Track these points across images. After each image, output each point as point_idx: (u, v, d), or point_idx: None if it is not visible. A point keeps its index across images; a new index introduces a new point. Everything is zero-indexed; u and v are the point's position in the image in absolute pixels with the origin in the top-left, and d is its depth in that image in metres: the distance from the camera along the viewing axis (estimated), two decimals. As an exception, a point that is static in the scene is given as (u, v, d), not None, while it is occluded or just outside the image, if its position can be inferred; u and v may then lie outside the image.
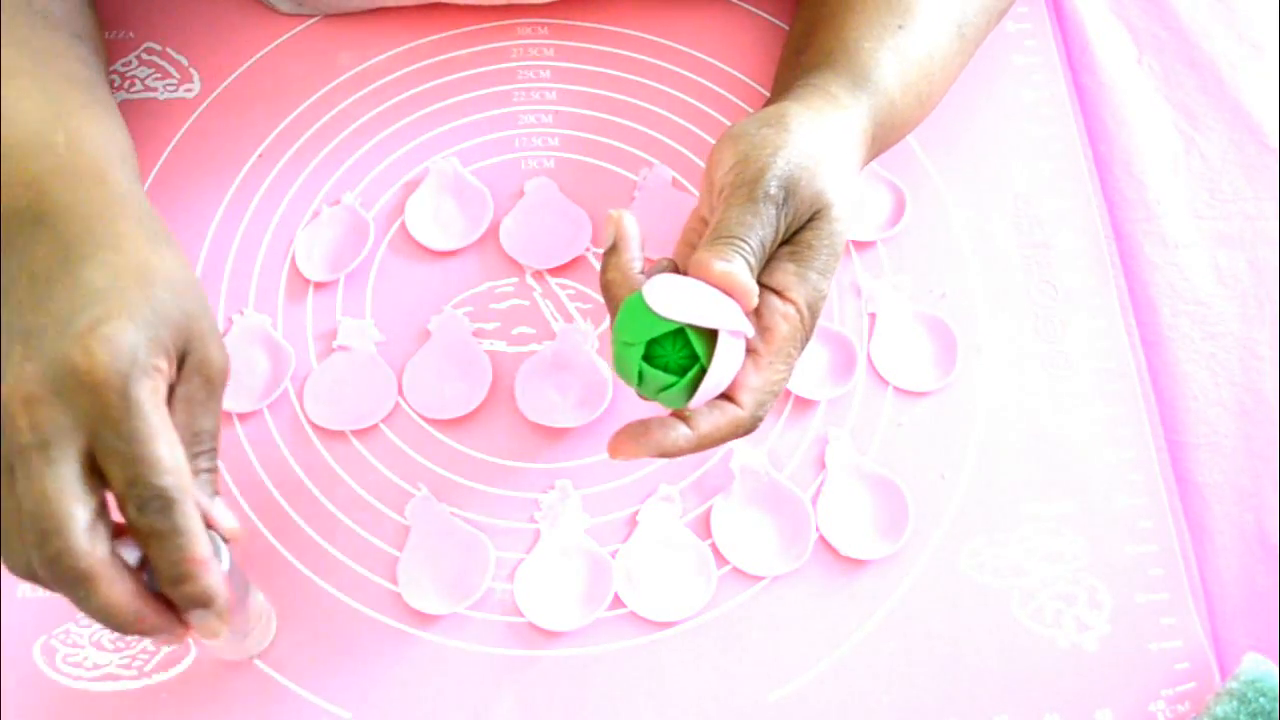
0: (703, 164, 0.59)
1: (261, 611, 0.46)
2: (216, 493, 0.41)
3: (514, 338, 0.55)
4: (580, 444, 0.53)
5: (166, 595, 0.38)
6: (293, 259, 0.56)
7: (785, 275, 0.43)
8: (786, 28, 0.63)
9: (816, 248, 0.44)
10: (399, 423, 0.53)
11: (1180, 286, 0.58)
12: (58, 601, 0.48)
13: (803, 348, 0.44)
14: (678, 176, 0.58)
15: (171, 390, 0.39)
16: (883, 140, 0.52)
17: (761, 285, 0.43)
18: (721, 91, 0.61)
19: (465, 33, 0.62)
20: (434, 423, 0.53)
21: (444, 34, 0.62)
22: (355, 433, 0.53)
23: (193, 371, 0.40)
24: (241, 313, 0.55)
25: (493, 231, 0.57)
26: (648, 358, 0.41)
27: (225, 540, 0.40)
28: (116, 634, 0.48)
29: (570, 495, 0.52)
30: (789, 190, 0.43)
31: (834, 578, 0.51)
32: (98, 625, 0.48)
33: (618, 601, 0.50)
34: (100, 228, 0.40)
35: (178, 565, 0.37)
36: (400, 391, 0.53)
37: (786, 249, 0.44)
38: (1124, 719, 0.49)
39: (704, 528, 0.51)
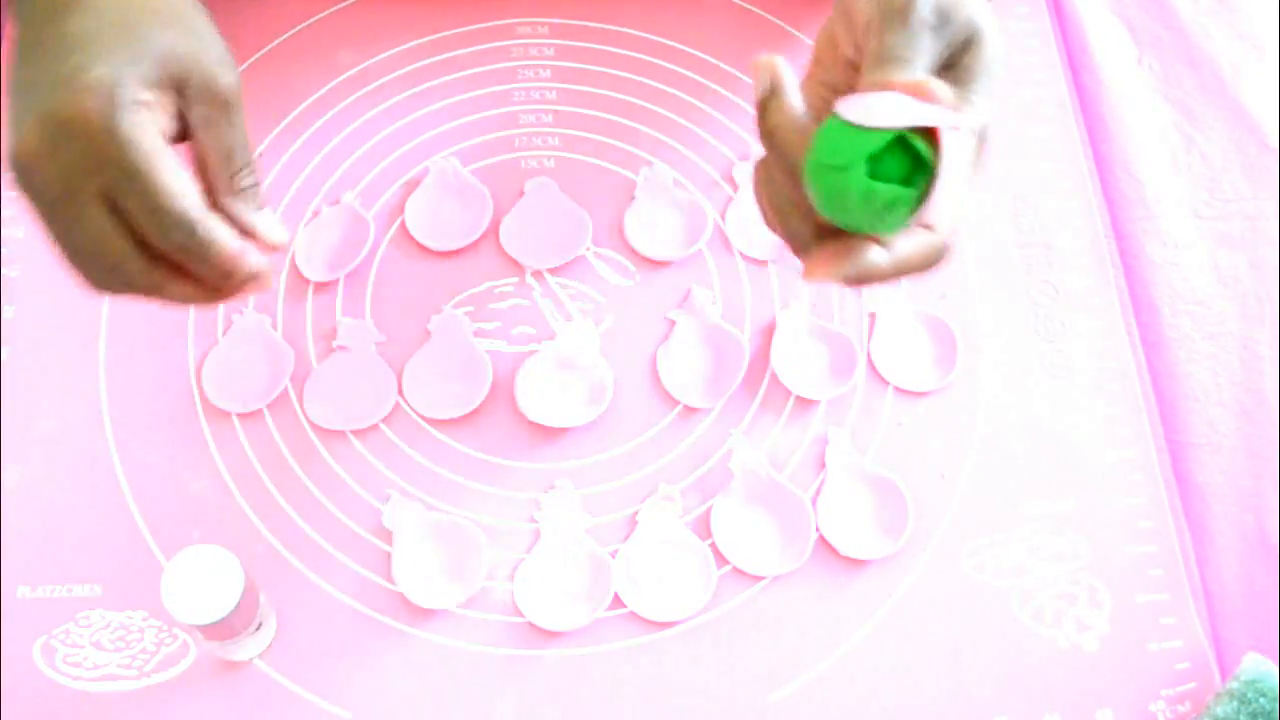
0: (703, 164, 0.59)
1: (261, 611, 0.46)
2: (261, 206, 0.43)
3: (514, 338, 0.55)
4: (580, 444, 0.53)
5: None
6: (292, 259, 0.56)
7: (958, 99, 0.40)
8: (787, 27, 0.63)
9: (976, 71, 0.41)
10: (399, 423, 0.53)
11: (1180, 286, 0.58)
12: (58, 601, 0.48)
13: (976, 174, 0.41)
14: (678, 176, 0.58)
15: (185, 121, 0.41)
16: None
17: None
18: (722, 91, 0.61)
19: (465, 33, 0.62)
20: (434, 423, 0.53)
21: (444, 34, 0.62)
22: (355, 433, 0.53)
23: (198, 97, 0.41)
24: (241, 313, 0.55)
25: (493, 231, 0.57)
26: (871, 176, 0.36)
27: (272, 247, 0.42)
28: (119, 633, 0.48)
29: (570, 495, 0.52)
30: (942, 15, 0.40)
31: (834, 578, 0.51)
32: (97, 625, 0.48)
33: (618, 601, 0.50)
34: None
35: (217, 268, 0.40)
36: (400, 391, 0.53)
37: (946, 76, 0.40)
38: (1124, 719, 0.49)
39: (704, 528, 0.51)
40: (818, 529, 0.51)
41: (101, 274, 0.40)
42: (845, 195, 0.37)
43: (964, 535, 0.52)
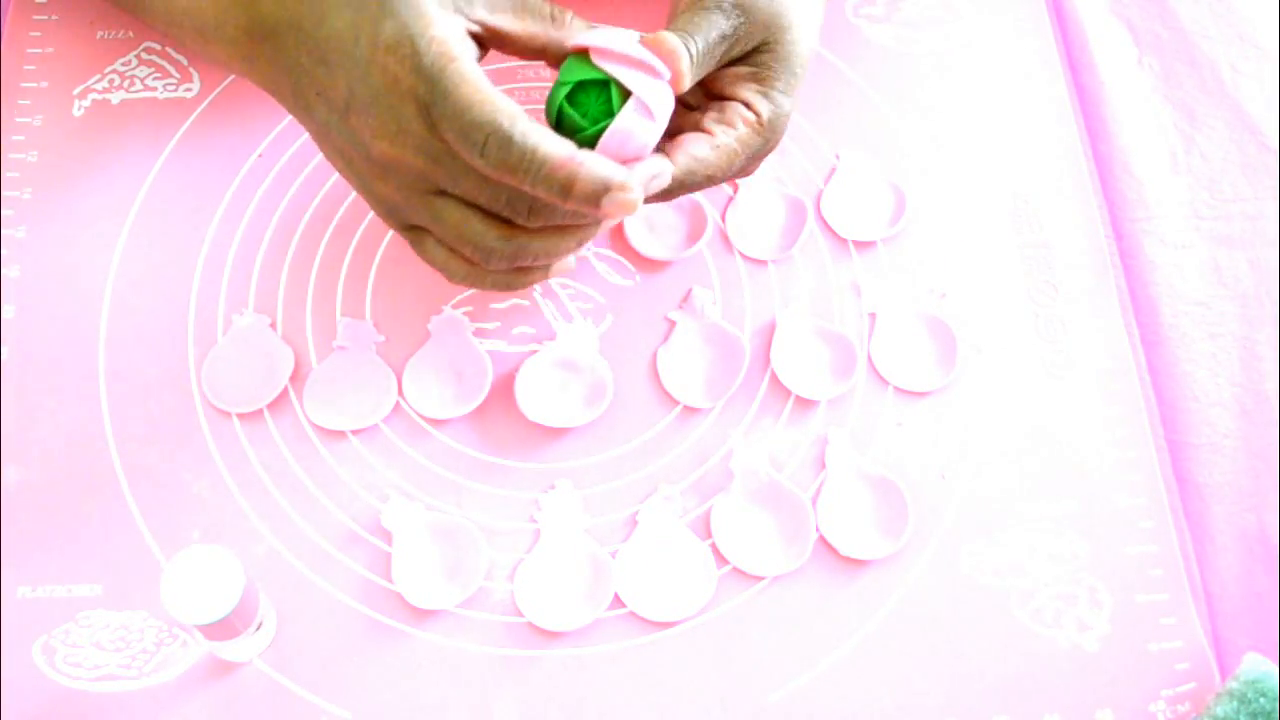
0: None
1: (262, 611, 0.46)
2: (591, 27, 0.45)
3: (514, 338, 0.55)
4: (580, 444, 0.53)
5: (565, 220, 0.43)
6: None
7: (748, 91, 0.47)
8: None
9: (775, 68, 0.47)
10: (399, 423, 0.53)
11: (1180, 286, 0.58)
12: (58, 601, 0.48)
13: (756, 158, 0.47)
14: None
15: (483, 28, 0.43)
16: None
17: (725, 97, 0.47)
18: (721, 91, 0.61)
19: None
20: (434, 423, 0.53)
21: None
22: (355, 433, 0.53)
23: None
24: (241, 313, 0.55)
25: (493, 231, 0.57)
26: (570, 100, 0.43)
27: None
28: (119, 633, 0.48)
29: (570, 495, 0.52)
30: (742, 7, 0.45)
31: (834, 578, 0.51)
32: (97, 625, 0.48)
33: (618, 601, 0.50)
34: None
35: (550, 182, 0.40)
36: (400, 391, 0.53)
37: (746, 69, 0.47)
38: (1124, 719, 0.49)
39: (704, 528, 0.51)
40: (818, 529, 0.51)
41: (513, 214, 0.42)
42: (551, 106, 0.44)
43: (964, 535, 0.52)
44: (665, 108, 0.44)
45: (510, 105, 0.40)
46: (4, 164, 0.57)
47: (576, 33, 0.44)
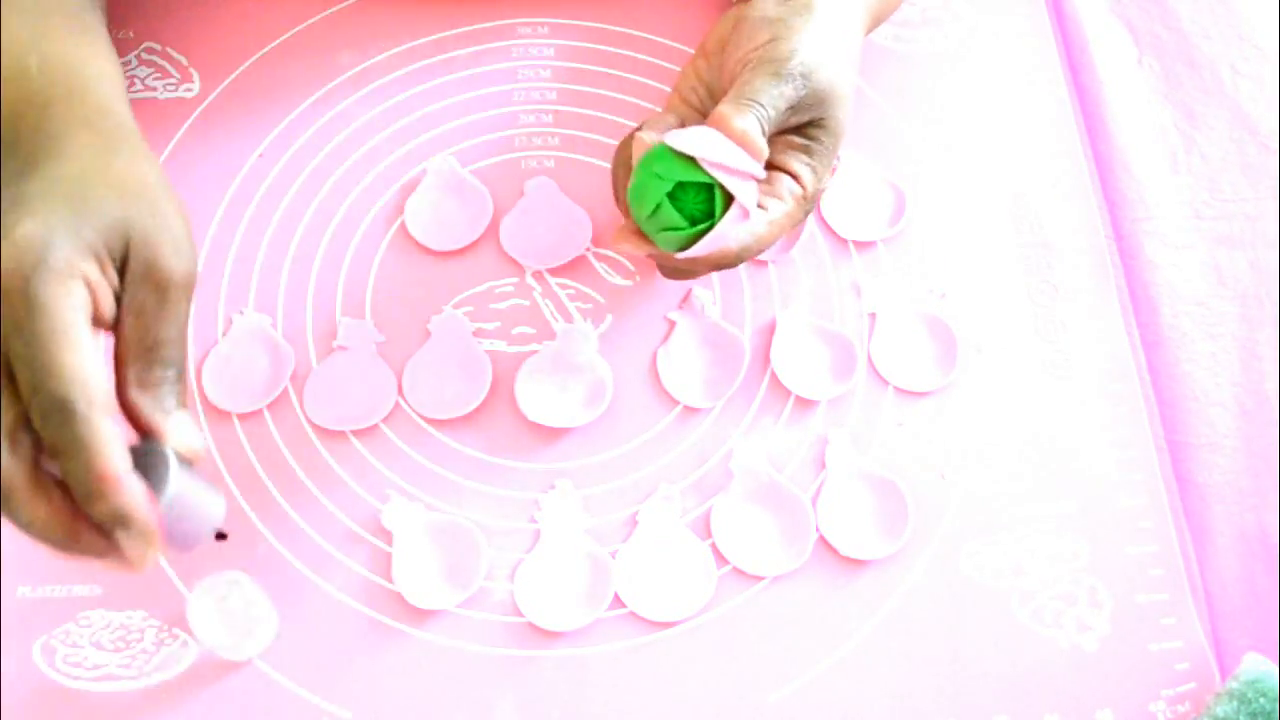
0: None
1: (260, 608, 0.46)
2: (183, 405, 0.39)
3: (514, 338, 0.55)
4: (580, 444, 0.53)
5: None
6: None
7: (797, 164, 0.49)
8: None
9: (825, 143, 0.49)
10: (399, 423, 0.53)
11: (1180, 287, 0.58)
12: (58, 601, 0.48)
13: (794, 226, 0.49)
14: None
15: (120, 300, 0.38)
16: (876, 19, 0.55)
17: (774, 165, 0.49)
18: (721, 91, 0.61)
19: (465, 32, 0.62)
20: (434, 423, 0.53)
21: (444, 34, 0.62)
22: (355, 433, 0.53)
23: (138, 278, 0.38)
24: (241, 313, 0.55)
25: (493, 231, 0.57)
26: (670, 196, 0.45)
27: (189, 461, 0.38)
28: (119, 633, 0.48)
29: (570, 495, 0.52)
30: (808, 77, 0.47)
31: (834, 578, 0.51)
32: (97, 625, 0.48)
33: (618, 601, 0.50)
34: (56, 144, 0.41)
35: (84, 482, 0.36)
36: (400, 391, 0.53)
37: (798, 141, 0.49)
38: (1124, 719, 0.49)
39: (704, 528, 0.51)
40: (818, 529, 0.51)
41: None
42: (648, 198, 0.45)
43: (964, 535, 0.52)
44: (755, 205, 0.46)
45: (98, 382, 0.36)
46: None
47: (666, 134, 0.46)
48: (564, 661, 0.49)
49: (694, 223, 0.45)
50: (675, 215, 0.45)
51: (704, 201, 0.45)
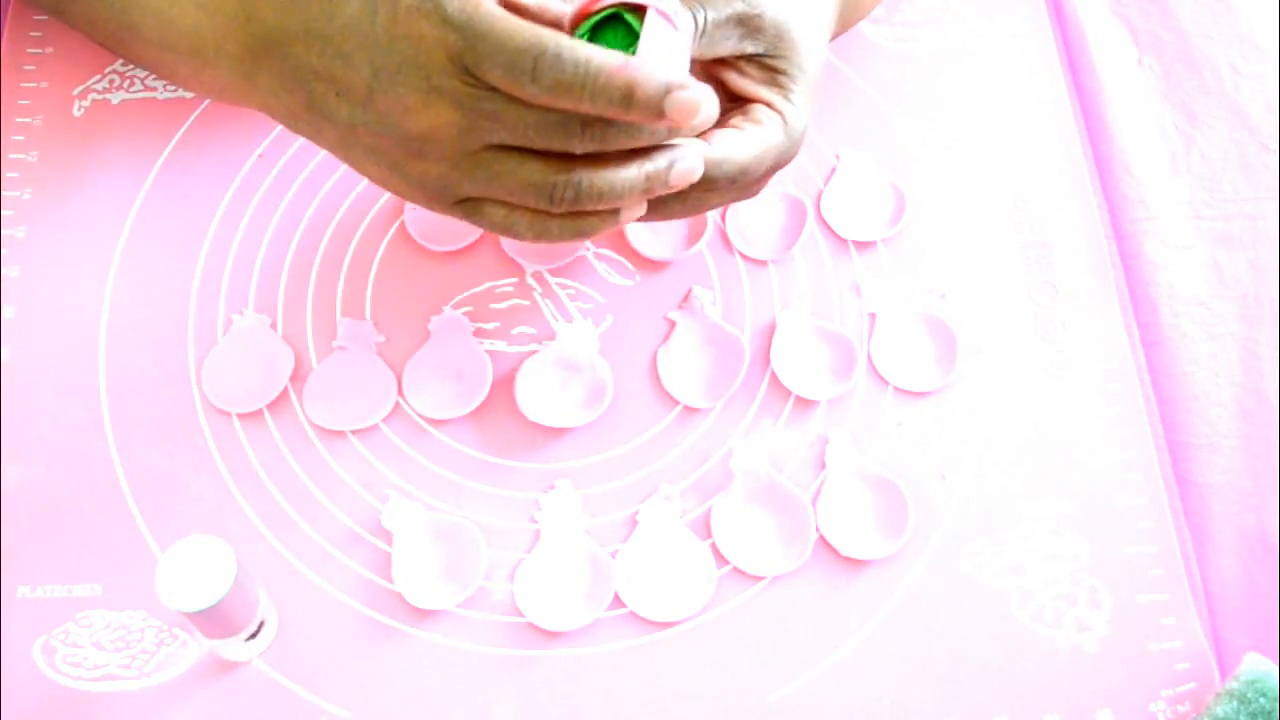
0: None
1: (262, 611, 0.46)
2: None
3: (514, 338, 0.55)
4: (580, 444, 0.53)
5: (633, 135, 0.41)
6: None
7: (769, 93, 0.48)
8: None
9: (792, 75, 0.48)
10: (399, 423, 0.53)
11: (1180, 287, 0.58)
12: (58, 601, 0.48)
13: (780, 161, 0.47)
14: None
15: None
16: (848, 15, 0.55)
17: (746, 98, 0.48)
18: (721, 91, 0.61)
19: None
20: (434, 423, 0.53)
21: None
22: (355, 433, 0.53)
23: None
24: (241, 313, 0.55)
25: (493, 231, 0.57)
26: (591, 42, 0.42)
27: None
28: (119, 633, 0.48)
29: (570, 495, 0.52)
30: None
31: (834, 578, 0.51)
32: (97, 625, 0.48)
33: (618, 601, 0.50)
34: None
35: (610, 92, 0.39)
36: (400, 391, 0.53)
37: (764, 75, 0.48)
38: (1124, 719, 0.49)
39: (704, 528, 0.51)
40: (818, 529, 0.51)
41: (567, 142, 0.41)
42: None
43: (964, 535, 0.52)
44: (684, 22, 0.43)
45: (548, 29, 0.40)
46: (4, 164, 0.57)
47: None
48: (564, 661, 0.49)
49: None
50: None
51: (624, 35, 0.42)
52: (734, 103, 0.48)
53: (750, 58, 0.48)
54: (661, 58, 0.41)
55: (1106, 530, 0.52)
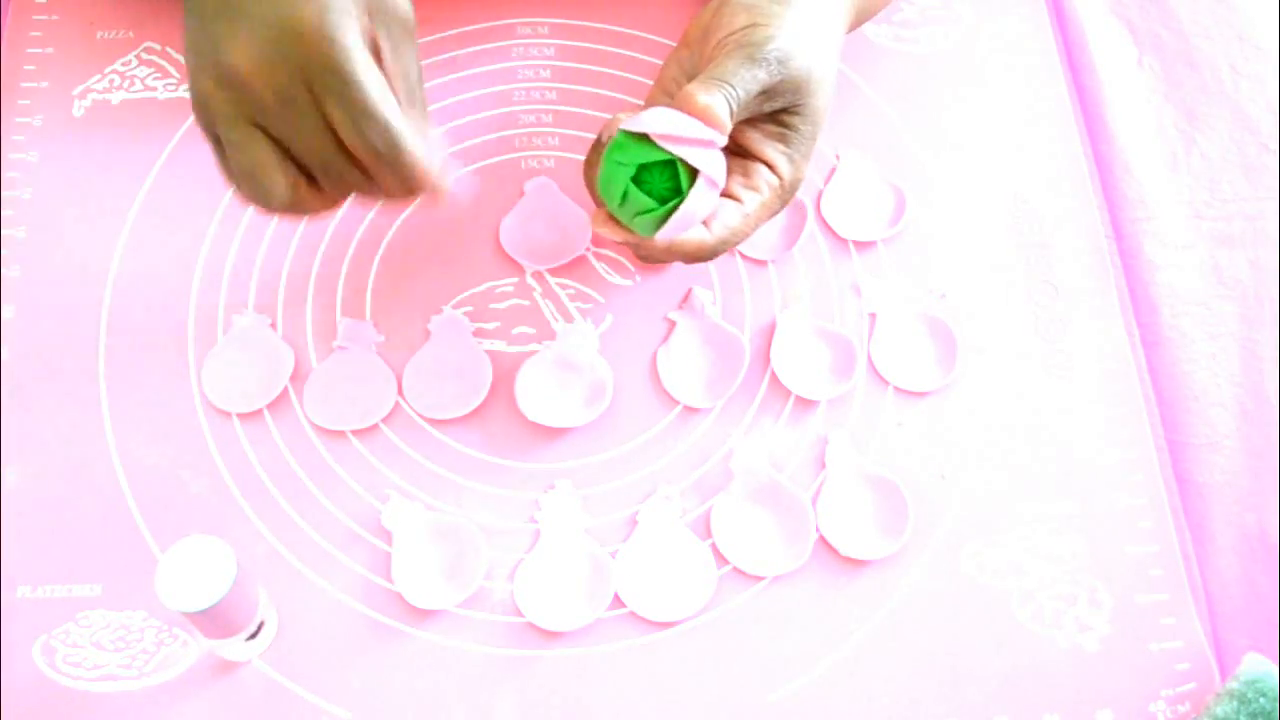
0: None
1: (262, 611, 0.46)
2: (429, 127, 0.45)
3: (514, 338, 0.55)
4: (580, 444, 0.53)
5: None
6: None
7: (773, 152, 0.49)
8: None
9: (802, 131, 0.49)
10: (399, 423, 0.53)
11: (1180, 286, 0.58)
12: (58, 602, 0.48)
13: (771, 216, 0.50)
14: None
15: (376, 45, 0.43)
16: (861, 14, 0.55)
17: (750, 154, 0.49)
18: (721, 91, 0.61)
19: (465, 32, 0.62)
20: (434, 423, 0.53)
21: (444, 34, 0.62)
22: (355, 433, 0.53)
23: (386, 20, 0.43)
24: (241, 313, 0.55)
25: (493, 231, 0.57)
26: (636, 181, 0.45)
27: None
28: (119, 633, 0.48)
29: (570, 495, 0.52)
30: (784, 64, 0.47)
31: (834, 578, 0.51)
32: (97, 625, 0.48)
33: (618, 601, 0.50)
34: None
35: (405, 177, 0.42)
36: (400, 391, 0.53)
37: (774, 130, 0.49)
38: (1124, 719, 0.49)
39: (704, 528, 0.51)
40: (818, 529, 0.51)
41: (323, 175, 0.43)
42: (615, 187, 0.45)
43: (964, 535, 0.52)
44: (722, 175, 0.46)
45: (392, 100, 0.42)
46: (4, 164, 0.57)
47: (624, 119, 0.46)
48: (564, 661, 0.49)
49: (663, 202, 0.45)
50: (644, 198, 0.45)
51: (670, 179, 0.45)
52: (737, 153, 0.49)
53: (766, 114, 0.48)
54: (692, 218, 0.45)
55: (1106, 530, 0.52)
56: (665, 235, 0.46)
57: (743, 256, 0.57)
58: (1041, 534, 0.52)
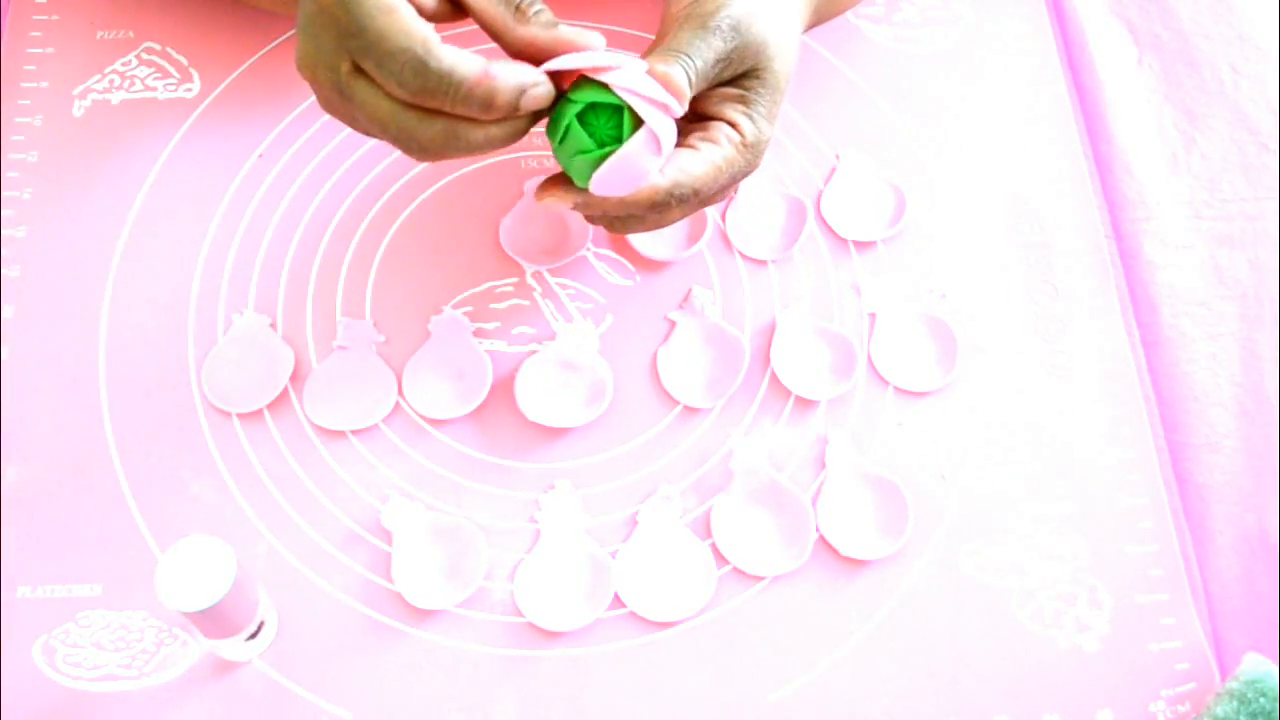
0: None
1: (262, 611, 0.46)
2: (554, 23, 0.44)
3: (514, 338, 0.55)
4: (580, 444, 0.53)
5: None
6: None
7: (733, 112, 0.48)
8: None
9: (761, 93, 0.48)
10: (399, 423, 0.53)
11: (1180, 287, 0.58)
12: (58, 602, 0.48)
13: (737, 178, 0.48)
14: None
15: None
16: (825, 8, 0.55)
17: (711, 117, 0.48)
18: (721, 91, 0.61)
19: (465, 32, 0.62)
20: (434, 423, 0.53)
21: (443, 34, 0.61)
22: (355, 433, 0.53)
23: None
24: (241, 313, 0.55)
25: (493, 231, 0.57)
26: (581, 120, 0.44)
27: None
28: (119, 633, 0.48)
29: (570, 495, 0.52)
30: (737, 30, 0.46)
31: (834, 578, 0.51)
32: (97, 625, 0.48)
33: (618, 601, 0.50)
34: None
35: (470, 101, 0.41)
36: (400, 391, 0.53)
37: (734, 93, 0.48)
38: (1124, 719, 0.49)
39: (704, 528, 0.51)
40: (818, 529, 0.51)
41: (400, 142, 0.43)
42: (559, 123, 0.44)
43: (964, 535, 0.52)
44: (670, 142, 0.45)
45: (423, 30, 0.41)
46: (4, 164, 0.57)
47: (537, 28, 0.44)
48: (564, 661, 0.49)
49: (602, 145, 0.44)
50: (584, 137, 0.43)
51: (615, 126, 0.44)
52: (695, 118, 0.48)
53: (727, 81, 0.48)
54: (627, 170, 0.44)
55: (1106, 530, 0.52)
56: (599, 181, 0.44)
57: (743, 256, 0.57)
58: (1041, 534, 0.52)
